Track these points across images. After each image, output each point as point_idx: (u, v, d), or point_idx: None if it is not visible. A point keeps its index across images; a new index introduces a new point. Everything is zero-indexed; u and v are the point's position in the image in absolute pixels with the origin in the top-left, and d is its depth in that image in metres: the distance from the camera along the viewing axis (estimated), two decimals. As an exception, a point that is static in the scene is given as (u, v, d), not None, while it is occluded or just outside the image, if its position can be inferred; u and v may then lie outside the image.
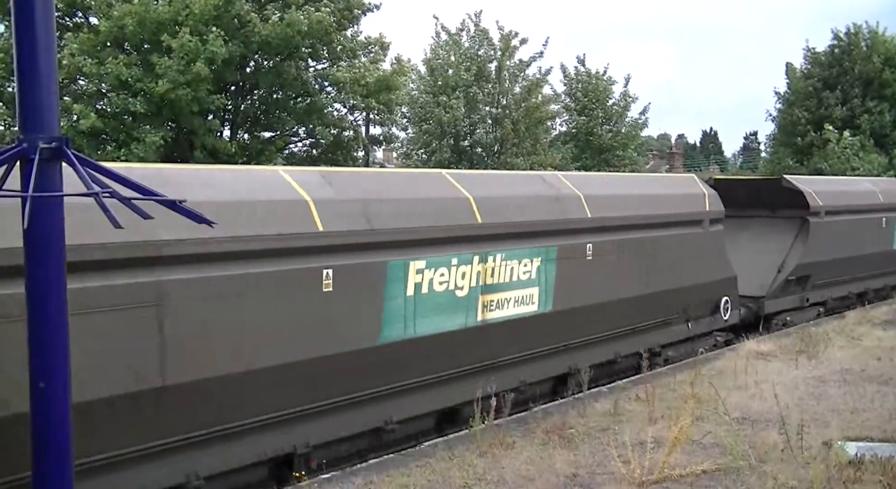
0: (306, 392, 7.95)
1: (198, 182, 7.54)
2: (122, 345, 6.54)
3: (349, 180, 9.11)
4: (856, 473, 7.32)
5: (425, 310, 8.93)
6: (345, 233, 8.18)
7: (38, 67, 4.28)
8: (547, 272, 10.46)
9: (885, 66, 42.93)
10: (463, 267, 9.34)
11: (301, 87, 26.85)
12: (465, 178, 10.64)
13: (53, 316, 4.37)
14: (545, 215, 10.65)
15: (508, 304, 10.00)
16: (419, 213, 9.07)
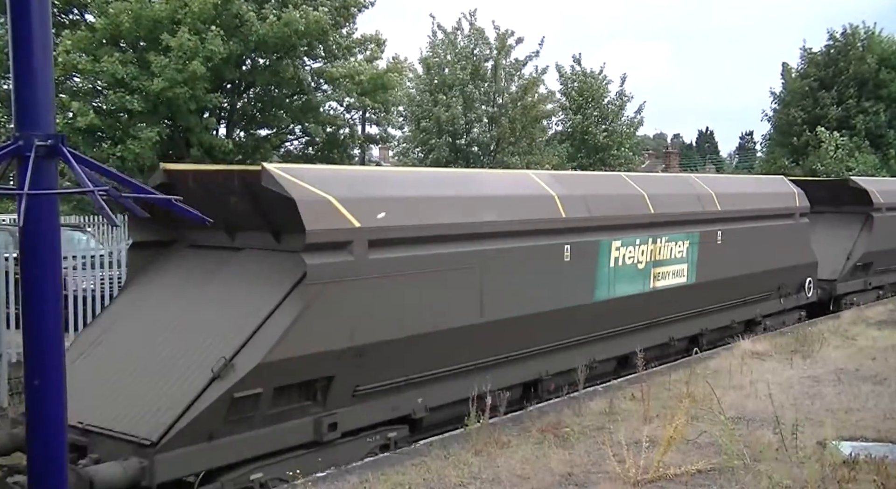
0: (549, 335, 10.77)
1: (489, 182, 11.17)
2: (462, 294, 9.37)
3: (573, 180, 12.93)
4: (850, 473, 7.33)
5: (619, 278, 11.81)
6: (577, 219, 11.11)
7: (34, 65, 4.27)
8: (692, 252, 13.35)
9: (881, 66, 43.01)
10: (642, 246, 12.25)
11: (297, 85, 26.85)
12: (638, 179, 13.55)
13: (48, 312, 4.37)
14: (692, 208, 13.56)
15: (669, 276, 12.88)
16: (616, 205, 11.96)
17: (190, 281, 8.70)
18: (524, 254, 10.14)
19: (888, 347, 13.37)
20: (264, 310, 7.78)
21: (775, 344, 13.60)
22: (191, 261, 9.01)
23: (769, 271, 15.32)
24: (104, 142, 24.45)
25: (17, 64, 4.28)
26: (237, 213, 8.60)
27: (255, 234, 8.62)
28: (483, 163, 33.02)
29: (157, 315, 8.42)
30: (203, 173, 9.14)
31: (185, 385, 7.30)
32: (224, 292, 8.30)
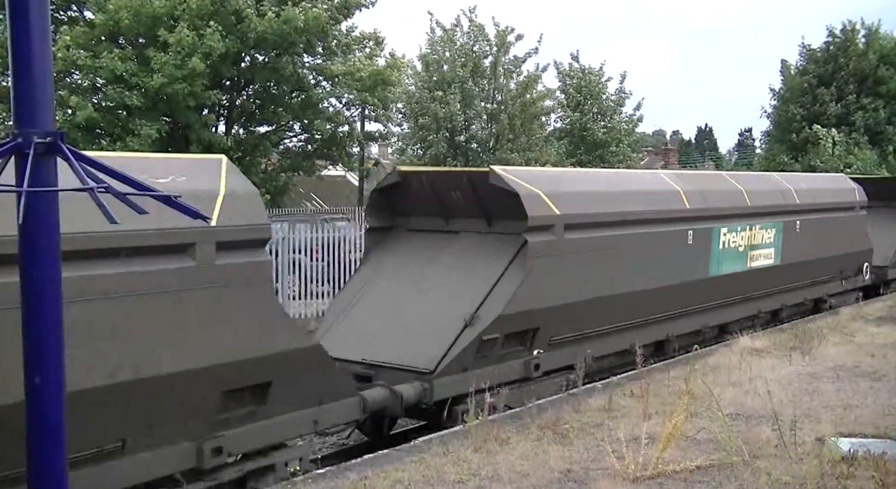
0: (675, 303, 13.28)
1: (634, 180, 14.29)
2: (601, 272, 11.56)
3: (691, 178, 15.33)
4: (849, 469, 7.34)
5: (726, 258, 14.41)
6: (697, 210, 13.64)
7: (33, 61, 4.26)
8: (777, 238, 15.90)
9: (881, 62, 43.01)
10: (742, 232, 14.83)
11: (297, 82, 26.84)
12: (737, 177, 16.44)
13: (48, 311, 4.36)
14: (777, 201, 16.21)
15: (761, 258, 15.45)
16: (723, 199, 14.65)
17: (420, 256, 11.34)
18: (660, 237, 12.79)
19: (887, 344, 13.39)
20: (493, 277, 10.52)
21: (774, 340, 13.62)
22: (415, 241, 11.65)
23: (835, 256, 17.82)
24: (103, 138, 24.44)
25: (16, 60, 4.27)
26: (455, 205, 11.40)
27: (469, 220, 11.36)
28: (482, 160, 33.01)
29: (402, 281, 11.08)
30: (432, 173, 12.41)
31: (446, 331, 10.06)
32: (454, 264, 11.05)
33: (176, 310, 6.97)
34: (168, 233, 6.82)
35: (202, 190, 7.25)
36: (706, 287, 13.99)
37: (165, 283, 6.87)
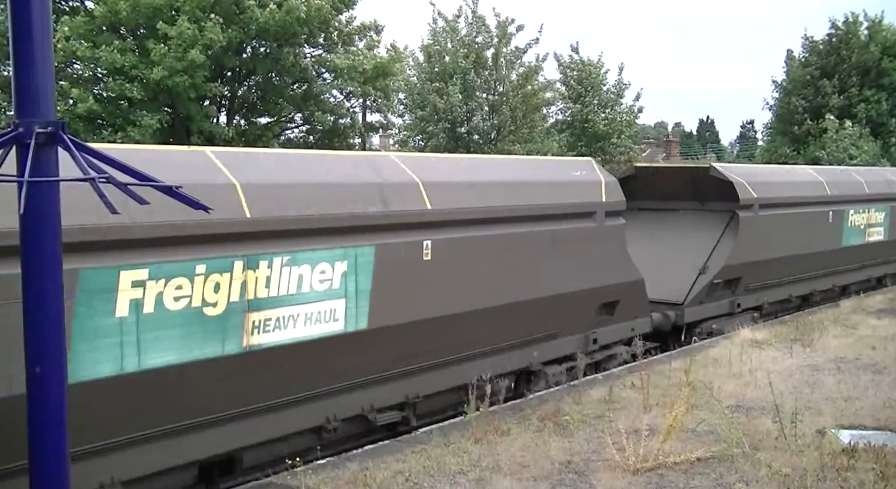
0: (819, 266, 17.35)
1: (791, 173, 18.05)
2: (779, 240, 15.63)
3: (827, 171, 19.26)
4: (849, 461, 7.35)
5: (851, 234, 18.11)
6: (835, 195, 17.53)
7: (34, 51, 4.26)
8: (886, 219, 19.51)
9: (883, 54, 42.90)
10: (862, 213, 18.47)
11: (299, 73, 26.80)
12: (858, 171, 20.42)
13: (49, 300, 4.37)
14: (886, 190, 19.75)
15: (874, 234, 19.08)
16: (850, 187, 18.28)
17: (653, 226, 15.19)
18: (812, 217, 16.57)
19: (888, 336, 13.39)
20: (712, 240, 14.80)
21: (775, 332, 13.63)
22: (645, 216, 15.19)
23: None
24: (105, 129, 24.42)
25: (17, 50, 4.27)
26: (675, 190, 15.44)
27: (684, 202, 15.46)
28: (484, 151, 32.97)
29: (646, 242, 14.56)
30: (661, 168, 18.13)
31: (686, 276, 14.50)
32: (681, 231, 15.18)
33: (583, 252, 11.36)
34: (582, 204, 11.48)
35: (593, 180, 11.96)
36: (839, 256, 17.76)
37: (580, 236, 11.31)
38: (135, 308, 6.57)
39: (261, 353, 7.47)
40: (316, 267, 7.83)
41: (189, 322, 6.92)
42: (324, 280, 7.90)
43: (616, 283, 11.93)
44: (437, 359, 9.40)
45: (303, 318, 7.75)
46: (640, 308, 12.71)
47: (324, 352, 8.02)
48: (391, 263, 8.45)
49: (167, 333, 6.80)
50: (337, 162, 9.19)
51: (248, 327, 7.36)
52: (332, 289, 7.97)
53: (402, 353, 8.95)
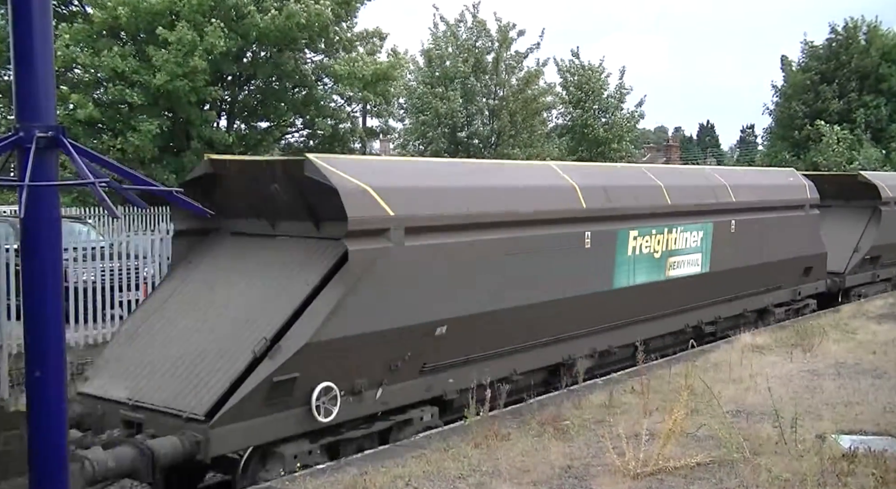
0: None
1: (881, 177, 20.29)
2: None
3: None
4: (849, 466, 7.34)
5: None
6: None
7: (35, 57, 4.27)
8: None
9: (883, 60, 42.94)
10: None
11: (299, 78, 26.83)
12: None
13: (49, 303, 4.37)
14: None
15: None
16: None
17: None
18: None
19: (888, 341, 13.38)
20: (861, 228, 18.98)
21: (775, 337, 13.61)
22: None
23: None
24: (105, 133, 24.45)
25: (18, 55, 4.28)
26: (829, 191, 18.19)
27: (837, 200, 18.78)
28: (484, 156, 33.02)
29: None
30: (816, 176, 18.93)
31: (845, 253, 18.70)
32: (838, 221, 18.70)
33: (796, 232, 16.15)
34: (796, 200, 16.39)
35: (800, 183, 17.06)
36: None
37: (795, 221, 16.13)
38: (633, 251, 11.95)
39: (672, 281, 12.89)
40: (690, 233, 13.30)
41: (649, 260, 12.34)
42: (693, 241, 13.38)
43: (813, 254, 16.89)
44: (728, 296, 14.67)
45: (686, 263, 13.29)
46: (822, 273, 17.55)
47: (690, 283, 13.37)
48: (723, 234, 14.09)
49: (643, 266, 12.18)
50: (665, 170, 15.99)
51: (668, 265, 12.80)
52: (695, 247, 13.43)
53: (727, 289, 14.45)
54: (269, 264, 8.76)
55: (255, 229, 9.21)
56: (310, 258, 8.53)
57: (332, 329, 7.85)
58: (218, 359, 7.88)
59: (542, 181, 10.96)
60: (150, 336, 8.64)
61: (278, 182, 8.68)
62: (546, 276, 10.32)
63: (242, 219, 9.28)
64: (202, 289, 8.91)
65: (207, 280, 8.99)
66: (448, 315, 9.02)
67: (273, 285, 8.46)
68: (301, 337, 7.74)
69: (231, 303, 8.53)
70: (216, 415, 7.34)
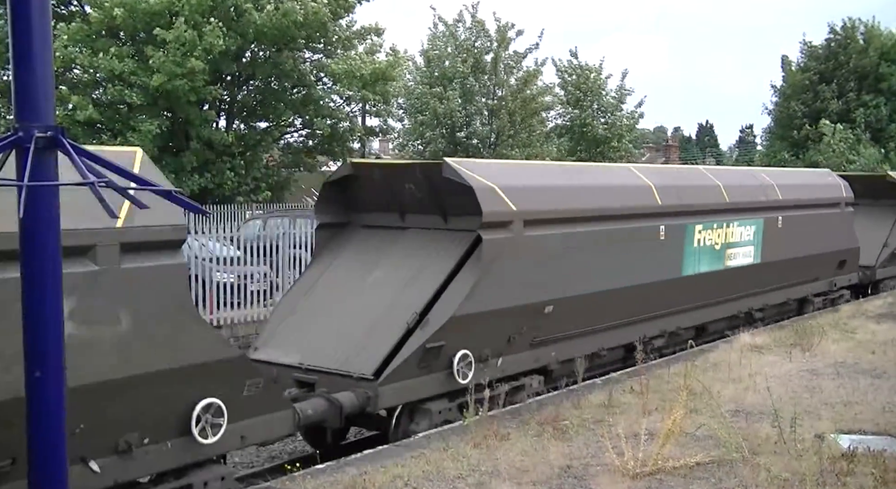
0: None
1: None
2: None
3: None
4: (848, 466, 7.35)
5: None
6: None
7: (34, 56, 4.26)
8: None
9: (882, 59, 42.96)
10: None
11: (297, 77, 26.82)
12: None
13: (48, 304, 4.37)
14: None
15: None
16: None
17: None
18: None
19: (887, 341, 13.38)
20: (889, 225, 19.57)
21: (775, 337, 13.62)
22: None
23: None
24: (104, 134, 24.44)
25: (17, 55, 4.27)
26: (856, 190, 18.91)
27: (866, 199, 19.70)
28: (483, 156, 33.03)
29: None
30: (847, 176, 19.75)
31: (875, 248, 19.67)
32: (866, 217, 19.44)
33: (833, 228, 17.53)
34: (833, 198, 17.87)
35: (836, 183, 18.65)
36: None
37: (832, 218, 17.63)
38: (698, 242, 13.42)
39: (729, 270, 14.32)
40: (744, 228, 14.73)
41: (711, 251, 13.81)
42: (747, 235, 14.81)
43: (847, 248, 18.15)
44: (775, 286, 16.00)
45: (741, 254, 14.71)
46: (855, 266, 18.72)
47: None
48: (772, 229, 15.53)
49: (705, 256, 13.64)
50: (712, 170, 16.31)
51: (726, 256, 14.24)
52: (748, 240, 14.88)
53: (774, 280, 15.80)
54: (405, 252, 10.35)
55: (385, 222, 10.75)
56: (442, 247, 10.19)
57: (469, 305, 9.40)
58: (376, 330, 9.46)
59: (625, 181, 12.47)
60: (307, 313, 10.09)
61: (414, 182, 10.27)
62: (628, 265, 11.75)
63: (374, 213, 10.81)
64: (347, 272, 10.46)
65: (350, 265, 10.54)
66: (555, 296, 10.47)
67: (413, 269, 10.04)
68: (447, 311, 9.30)
69: (377, 284, 10.09)
70: (382, 375, 8.86)
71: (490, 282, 9.58)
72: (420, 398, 9.23)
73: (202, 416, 6.86)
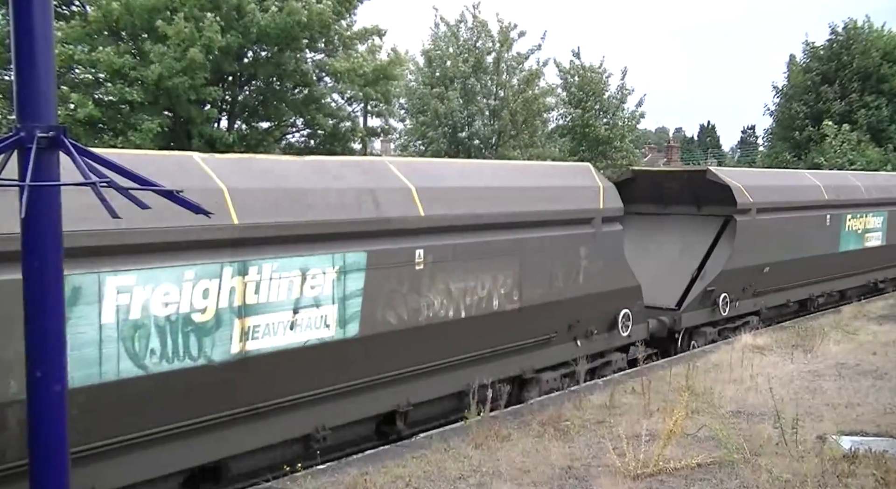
0: None
1: None
2: None
3: None
4: (850, 467, 7.34)
5: None
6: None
7: (36, 56, 4.26)
8: None
9: (883, 60, 42.92)
10: None
11: (300, 77, 26.80)
12: None
13: (51, 304, 4.37)
14: None
15: None
16: None
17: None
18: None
19: (889, 342, 13.38)
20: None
21: (776, 338, 13.61)
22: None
23: None
24: (105, 133, 24.42)
25: (19, 55, 4.27)
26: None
27: None
28: (485, 156, 33.00)
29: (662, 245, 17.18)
30: None
31: None
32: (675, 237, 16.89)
33: None
34: None
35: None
36: None
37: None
38: (848, 228, 18.00)
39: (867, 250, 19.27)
40: (875, 217, 19.62)
41: (855, 234, 18.55)
42: (876, 223, 19.54)
43: None
44: (893, 264, 20.93)
45: (874, 237, 19.25)
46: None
47: None
48: (894, 219, 20.25)
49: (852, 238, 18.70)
50: None
51: (864, 238, 18.89)
52: (877, 227, 19.45)
53: (892, 259, 20.41)
54: (673, 230, 15.34)
55: (650, 210, 15.59)
56: (700, 227, 15.25)
57: (729, 264, 14.51)
58: (670, 279, 14.42)
59: (801, 182, 17.67)
60: None
61: (677, 182, 15.60)
62: (808, 242, 16.69)
63: (642, 204, 15.32)
64: (633, 244, 13.68)
65: (634, 239, 14.17)
66: (770, 261, 15.54)
67: (683, 241, 15.16)
68: (717, 267, 14.48)
69: (660, 250, 15.03)
70: (681, 306, 14.02)
71: (738, 248, 14.59)
72: (699, 324, 14.22)
73: (621, 320, 11.93)
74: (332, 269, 7.78)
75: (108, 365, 6.24)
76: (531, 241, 10.23)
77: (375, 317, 8.27)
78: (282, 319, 7.45)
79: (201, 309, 6.88)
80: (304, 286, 7.59)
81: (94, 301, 6.18)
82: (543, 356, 10.66)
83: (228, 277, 7.07)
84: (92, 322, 6.18)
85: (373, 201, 8.37)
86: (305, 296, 7.61)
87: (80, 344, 5.99)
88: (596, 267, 11.39)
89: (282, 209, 7.57)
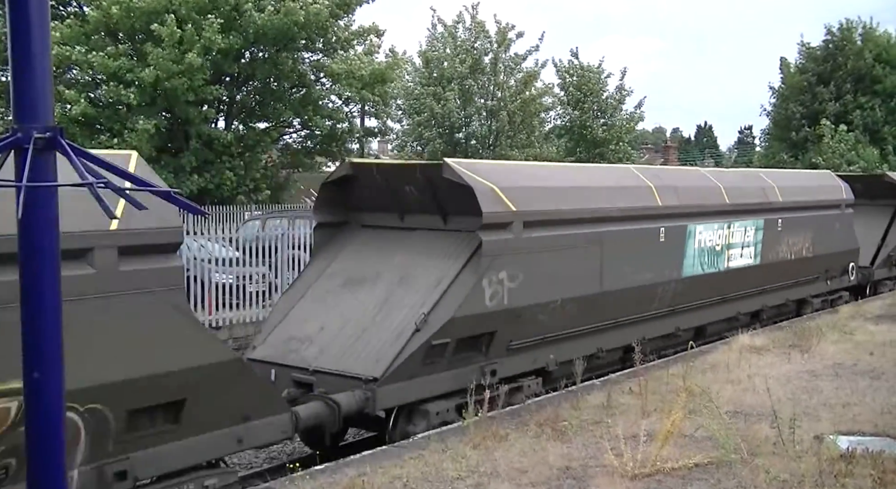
0: None
1: None
2: None
3: None
4: (847, 467, 7.34)
5: None
6: None
7: (33, 56, 4.25)
8: None
9: (877, 61, 43.01)
10: None
11: (297, 78, 26.82)
12: None
13: (47, 306, 4.35)
14: None
15: None
16: None
17: None
18: None
19: (886, 342, 13.38)
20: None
21: (773, 338, 13.62)
22: None
23: None
24: (102, 134, 24.41)
25: (16, 55, 4.26)
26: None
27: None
28: (482, 156, 33.03)
29: None
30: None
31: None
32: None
33: None
34: None
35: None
36: None
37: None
38: None
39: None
40: None
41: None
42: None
43: None
44: None
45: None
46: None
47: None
48: None
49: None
50: None
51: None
52: None
53: None
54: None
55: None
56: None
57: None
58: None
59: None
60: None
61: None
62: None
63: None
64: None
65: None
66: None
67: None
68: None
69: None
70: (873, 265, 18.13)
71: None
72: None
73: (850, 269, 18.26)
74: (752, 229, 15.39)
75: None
76: (817, 219, 17.28)
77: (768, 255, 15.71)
78: (740, 252, 14.83)
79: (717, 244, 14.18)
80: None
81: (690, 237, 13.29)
82: (811, 289, 17.63)
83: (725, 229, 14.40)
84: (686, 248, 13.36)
85: None
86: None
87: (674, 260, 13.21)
88: (840, 235, 18.25)
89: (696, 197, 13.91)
